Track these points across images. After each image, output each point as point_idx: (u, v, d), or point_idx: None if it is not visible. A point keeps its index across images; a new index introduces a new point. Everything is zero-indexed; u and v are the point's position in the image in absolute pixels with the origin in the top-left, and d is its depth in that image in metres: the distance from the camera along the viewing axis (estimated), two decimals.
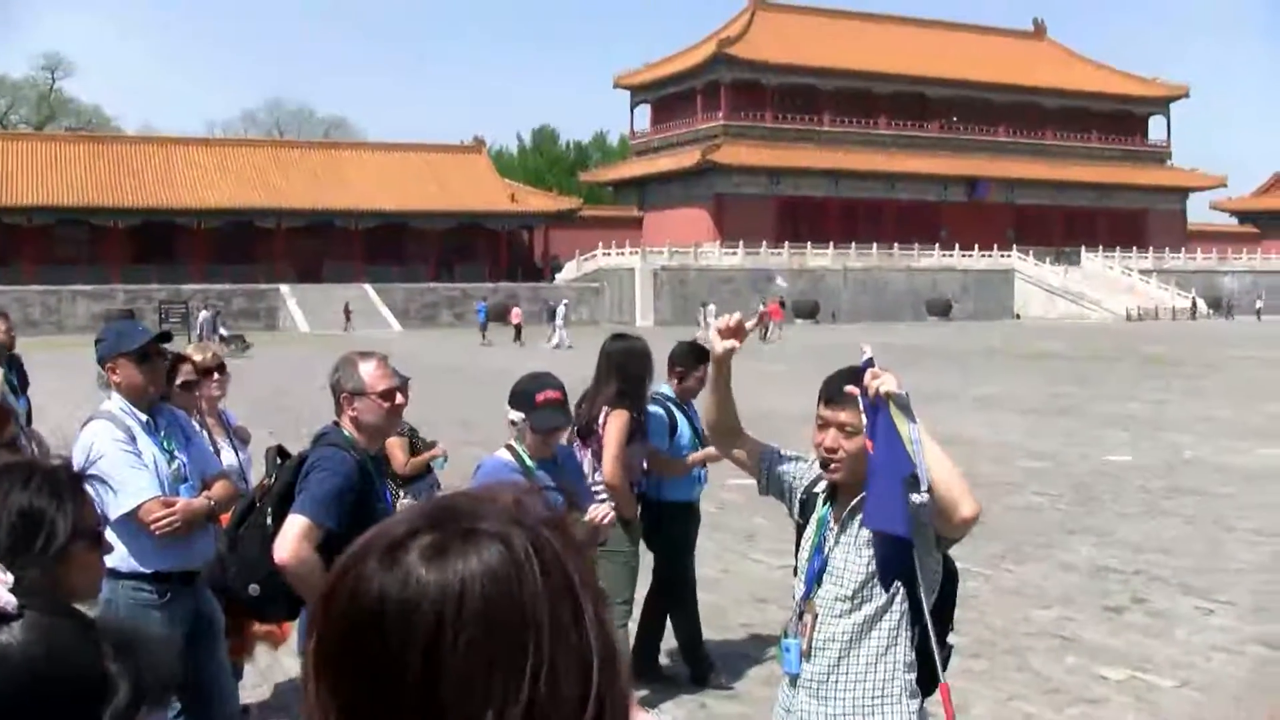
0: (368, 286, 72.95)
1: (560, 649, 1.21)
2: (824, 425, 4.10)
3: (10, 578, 1.57)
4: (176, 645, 1.69)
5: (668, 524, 8.04)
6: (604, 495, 7.26)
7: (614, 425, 7.32)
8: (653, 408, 7.92)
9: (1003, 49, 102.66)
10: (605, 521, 5.89)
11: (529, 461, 5.62)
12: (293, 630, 6.95)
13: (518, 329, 56.11)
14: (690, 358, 8.06)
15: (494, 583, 1.19)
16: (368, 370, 5.11)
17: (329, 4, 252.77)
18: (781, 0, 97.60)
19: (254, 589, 5.08)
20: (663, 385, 8.19)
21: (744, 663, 8.43)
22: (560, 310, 54.48)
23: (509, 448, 5.73)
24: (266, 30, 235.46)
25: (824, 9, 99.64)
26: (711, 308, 60.44)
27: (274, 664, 8.16)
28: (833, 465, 4.09)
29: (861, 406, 3.93)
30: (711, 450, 7.80)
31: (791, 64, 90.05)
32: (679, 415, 8.03)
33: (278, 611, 5.29)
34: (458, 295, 75.16)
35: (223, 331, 50.95)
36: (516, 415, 5.61)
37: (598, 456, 7.38)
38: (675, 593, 8.21)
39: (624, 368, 7.54)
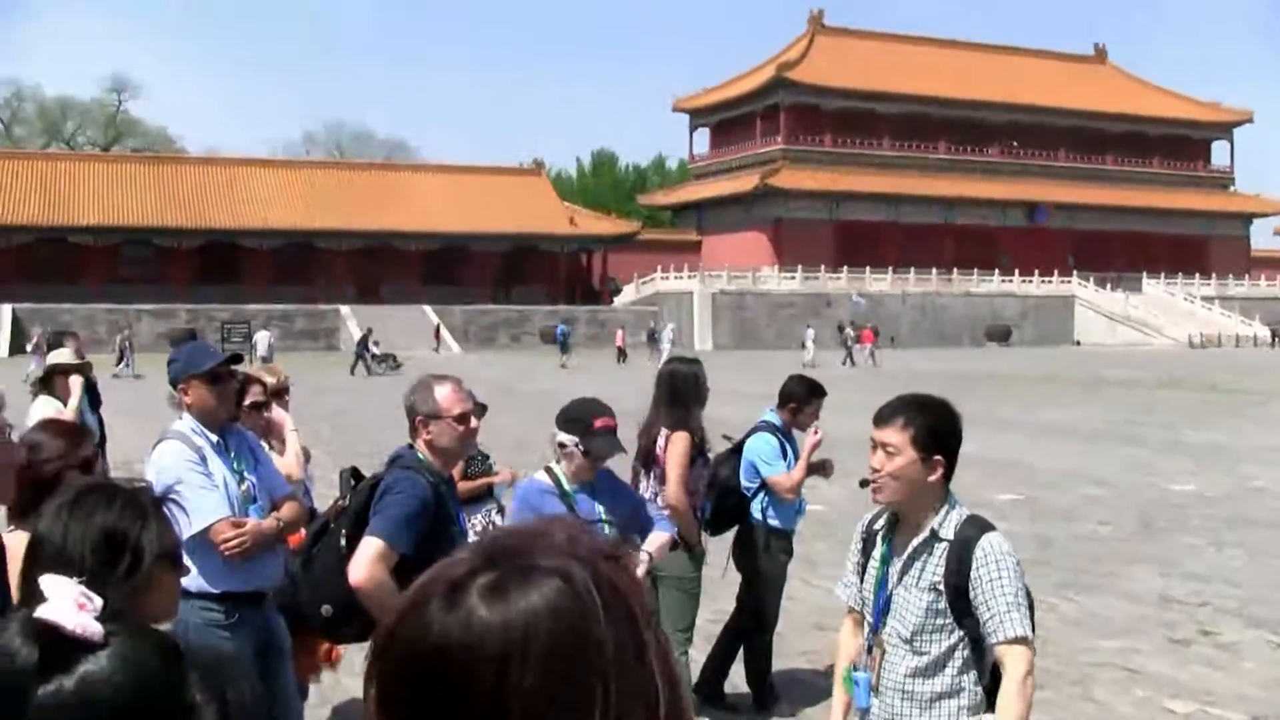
0: (427, 307, 73.19)
1: (626, 684, 1.19)
2: (873, 447, 4.09)
3: (98, 603, 1.55)
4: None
5: (771, 551, 8.06)
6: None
7: (676, 448, 7.29)
8: (763, 433, 8.00)
9: (1063, 73, 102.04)
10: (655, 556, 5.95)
11: (567, 485, 5.60)
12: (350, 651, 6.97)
13: (622, 351, 56.32)
14: (805, 393, 8.17)
15: (557, 619, 1.18)
16: (443, 393, 5.13)
17: (389, 27, 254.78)
18: (840, 24, 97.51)
19: (327, 609, 5.11)
20: (768, 412, 8.26)
21: (806, 690, 8.38)
22: (667, 333, 55.15)
23: (548, 470, 5.71)
24: (327, 53, 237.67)
25: (883, 33, 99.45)
26: (811, 332, 60.26)
27: (335, 684, 8.18)
28: (873, 485, 4.08)
29: None
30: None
31: (851, 88, 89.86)
32: (786, 444, 8.11)
33: (349, 632, 5.29)
34: (516, 316, 75.39)
35: (375, 351, 51.04)
36: (568, 438, 5.58)
37: (660, 480, 7.36)
38: (761, 622, 8.19)
39: (674, 391, 7.54)
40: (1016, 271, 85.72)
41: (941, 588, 3.96)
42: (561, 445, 5.60)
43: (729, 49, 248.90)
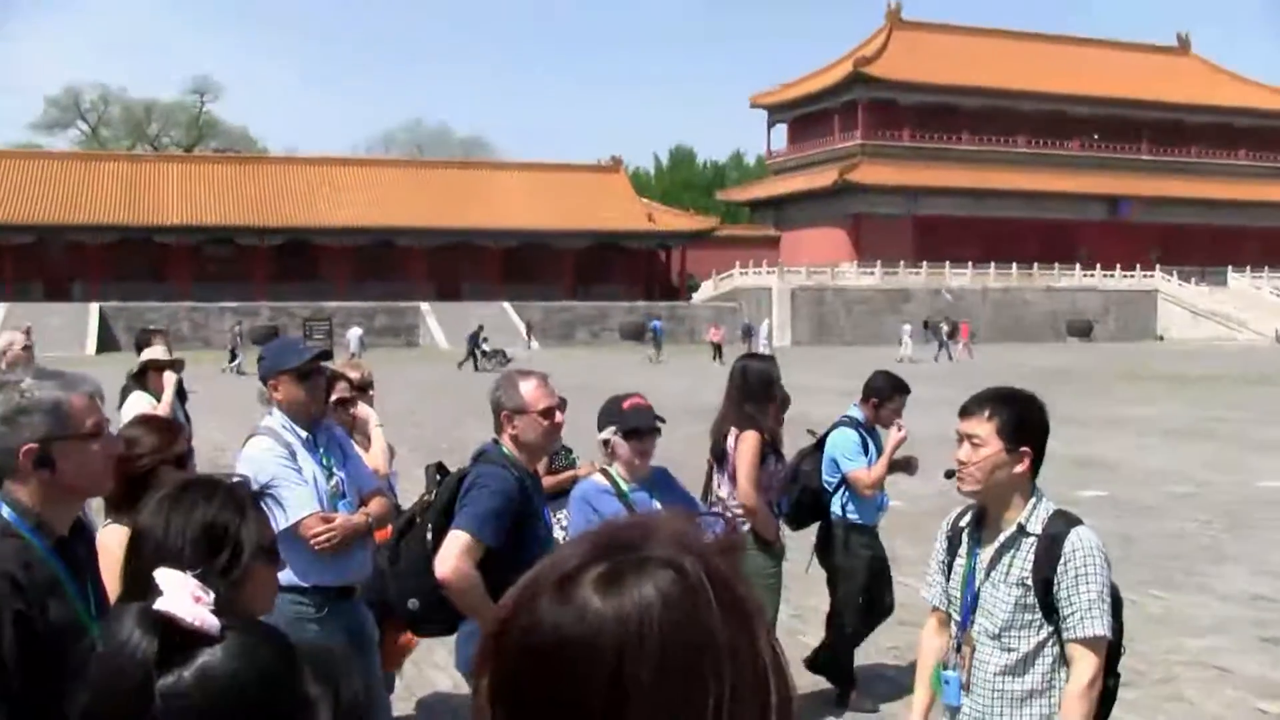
0: (506, 304, 73.46)
1: (740, 678, 1.18)
2: (959, 439, 4.07)
3: (211, 597, 1.56)
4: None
5: (851, 547, 8.04)
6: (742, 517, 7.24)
7: (745, 447, 7.29)
8: (845, 428, 7.99)
9: (1145, 65, 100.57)
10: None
11: (624, 485, 5.61)
12: (420, 642, 7.01)
13: (717, 347, 55.88)
14: (888, 389, 8.15)
15: (671, 611, 1.17)
16: (528, 389, 5.16)
17: (467, 26, 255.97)
18: (919, 18, 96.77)
19: (413, 604, 5.15)
20: (851, 408, 8.24)
21: (889, 686, 8.36)
22: (764, 329, 54.72)
23: (603, 472, 5.72)
24: (406, 52, 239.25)
25: (961, 26, 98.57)
26: (907, 327, 59.87)
27: (418, 676, 8.26)
28: (958, 476, 4.05)
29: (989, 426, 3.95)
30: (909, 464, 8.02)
31: (929, 83, 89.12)
32: (869, 439, 8.10)
33: (436, 626, 5.35)
34: (594, 313, 75.49)
35: (485, 347, 51.62)
36: (607, 433, 5.60)
37: (733, 479, 7.37)
38: (844, 617, 8.18)
39: (745, 388, 7.53)
40: (1098, 266, 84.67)
41: (1029, 582, 3.93)
42: (605, 443, 5.62)
43: (807, 44, 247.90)
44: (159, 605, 1.48)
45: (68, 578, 3.23)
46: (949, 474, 4.11)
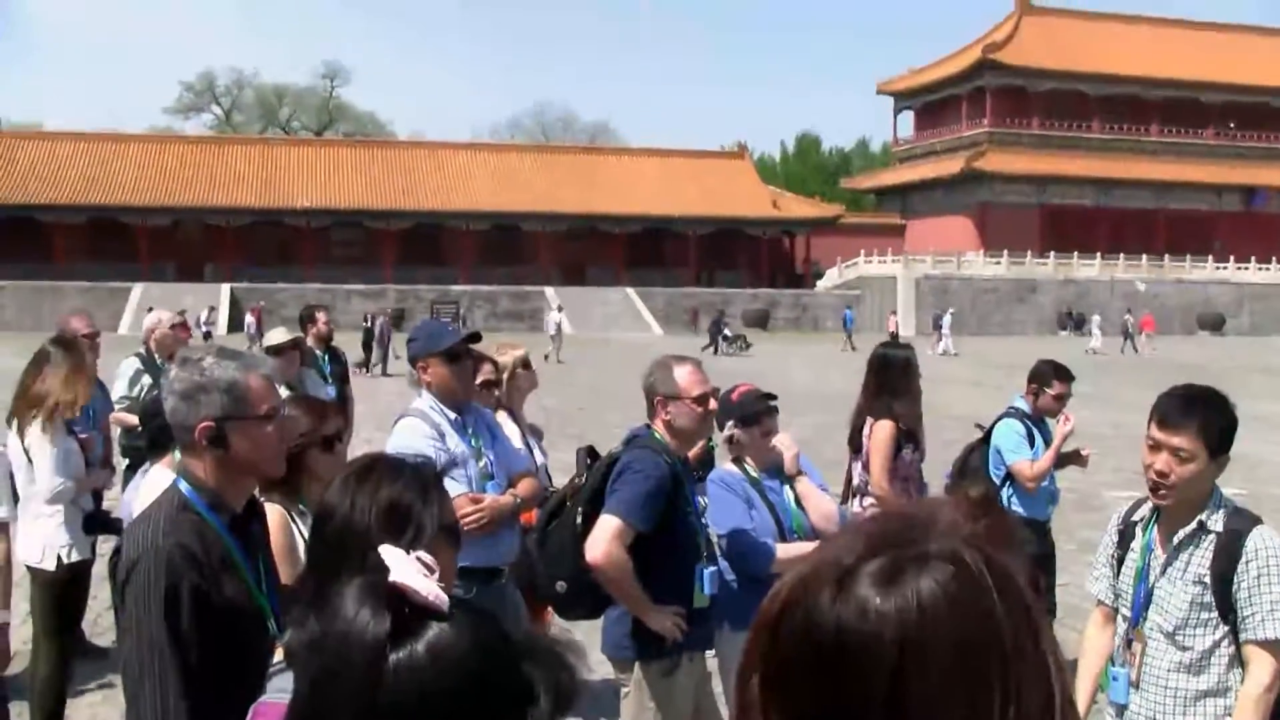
0: (629, 290, 73.54)
1: (1025, 671, 1.16)
2: (1155, 447, 3.92)
3: (437, 574, 1.55)
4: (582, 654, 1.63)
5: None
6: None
7: (878, 435, 7.25)
8: (1010, 419, 7.86)
9: None
10: None
11: (754, 473, 5.60)
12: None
13: (894, 336, 55.71)
14: (1047, 374, 7.99)
15: (953, 607, 1.15)
16: (682, 375, 5.13)
17: (594, 11, 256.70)
18: (1049, 4, 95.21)
19: (561, 586, 5.14)
20: (1018, 398, 8.10)
21: None
22: (946, 319, 55.01)
23: (736, 461, 5.71)
24: (532, 38, 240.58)
25: (1093, 12, 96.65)
26: (1097, 318, 59.34)
27: None
28: (1162, 491, 3.92)
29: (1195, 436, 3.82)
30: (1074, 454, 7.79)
31: (1059, 69, 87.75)
32: (1035, 431, 7.91)
33: (582, 610, 5.33)
34: (718, 299, 75.23)
35: (727, 332, 52.66)
36: (727, 429, 5.62)
37: (867, 468, 7.32)
38: None
39: (881, 377, 7.45)
40: (1232, 258, 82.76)
41: (1207, 580, 3.84)
42: (729, 439, 5.65)
43: (935, 30, 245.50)
44: (394, 578, 1.48)
45: (241, 555, 3.27)
46: (1154, 489, 3.96)
